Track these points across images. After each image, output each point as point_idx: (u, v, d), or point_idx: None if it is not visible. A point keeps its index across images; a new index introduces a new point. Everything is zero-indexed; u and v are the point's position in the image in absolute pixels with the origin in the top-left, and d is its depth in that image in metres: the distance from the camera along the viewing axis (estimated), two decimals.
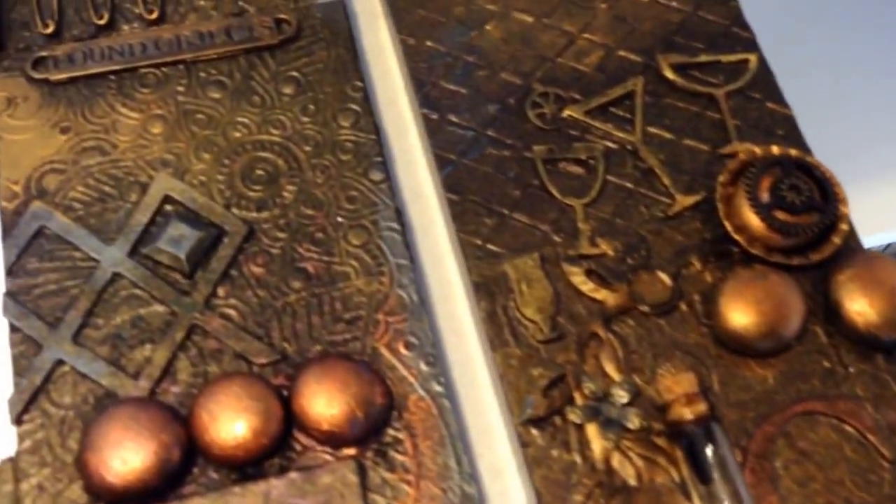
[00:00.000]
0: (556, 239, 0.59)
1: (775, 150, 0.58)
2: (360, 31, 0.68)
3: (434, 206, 0.63)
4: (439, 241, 0.61)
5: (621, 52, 0.66)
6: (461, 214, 0.59)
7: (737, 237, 0.57)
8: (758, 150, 0.59)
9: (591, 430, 0.52)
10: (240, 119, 0.62)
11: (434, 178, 0.62)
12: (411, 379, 0.54)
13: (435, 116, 0.63)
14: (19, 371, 0.53)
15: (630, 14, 0.67)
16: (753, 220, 0.57)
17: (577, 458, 0.52)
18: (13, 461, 0.50)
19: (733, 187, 0.58)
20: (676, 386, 0.52)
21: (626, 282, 0.57)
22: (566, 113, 0.63)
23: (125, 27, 0.65)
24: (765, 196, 0.56)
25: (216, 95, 0.63)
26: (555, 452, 0.52)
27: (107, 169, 0.60)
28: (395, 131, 0.65)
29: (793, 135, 0.62)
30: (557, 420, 0.53)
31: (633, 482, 0.51)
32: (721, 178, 0.58)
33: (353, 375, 0.52)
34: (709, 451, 0.51)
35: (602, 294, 0.56)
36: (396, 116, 0.66)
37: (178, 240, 0.56)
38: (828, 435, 0.53)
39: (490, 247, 0.58)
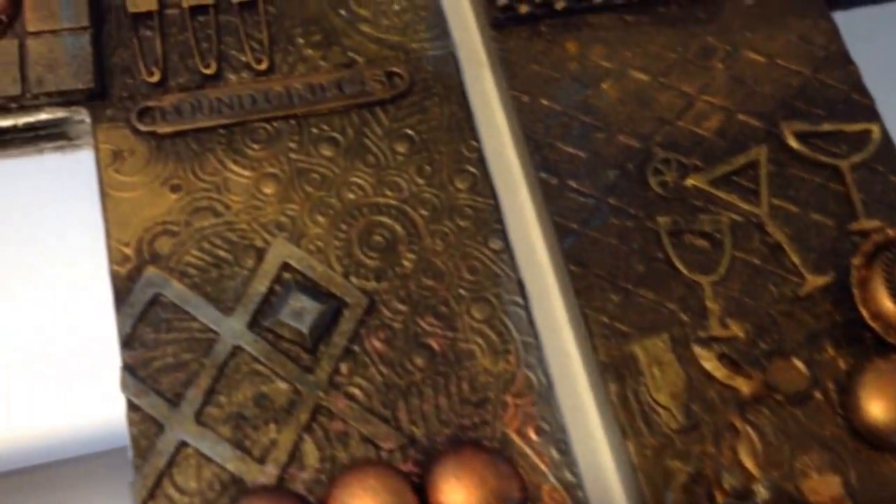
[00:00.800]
0: (684, 318, 0.57)
1: None
2: (464, 82, 0.65)
3: (549, 277, 0.61)
4: (557, 316, 0.59)
5: (742, 117, 0.64)
6: (586, 289, 0.58)
7: (873, 324, 0.56)
8: (892, 231, 0.57)
9: None
10: (354, 179, 0.60)
11: (552, 248, 0.61)
12: (543, 467, 0.53)
13: (554, 181, 0.61)
14: (140, 453, 0.51)
15: (749, 76, 0.65)
16: (891, 308, 0.55)
17: None
18: None
19: (867, 270, 0.57)
20: (823, 488, 0.51)
21: (759, 368, 0.55)
22: (689, 182, 0.61)
23: (232, 76, 0.62)
24: None
25: (329, 153, 0.61)
26: None
27: (221, 231, 0.58)
28: (507, 195, 0.63)
29: None
30: None
31: None
32: (855, 262, 0.57)
33: (491, 468, 0.50)
34: None
35: (737, 381, 0.55)
36: (507, 178, 0.64)
37: (299, 312, 0.54)
38: None
39: (617, 325, 0.57)
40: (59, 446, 0.74)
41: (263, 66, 0.63)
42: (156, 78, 0.61)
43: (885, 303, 0.56)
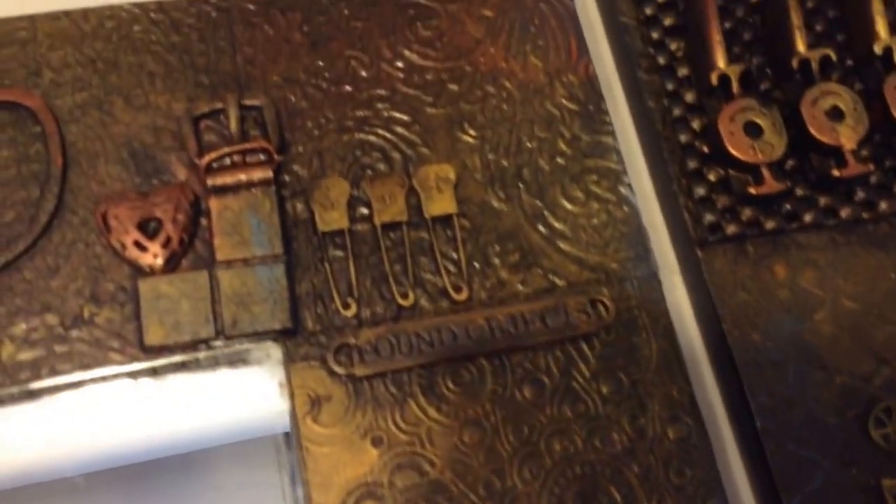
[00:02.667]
0: None
1: None
2: (668, 309, 0.61)
3: None
4: None
5: None
6: None
7: None
8: None
9: None
10: (562, 428, 0.56)
11: None
12: None
13: (772, 433, 0.57)
14: None
15: None
16: None
17: None
18: None
19: None
20: None
21: None
22: None
23: (429, 306, 0.58)
24: None
25: (533, 396, 0.57)
26: None
27: (426, 493, 0.54)
28: (720, 453, 0.59)
29: None
30: None
31: None
32: None
33: None
34: None
35: None
36: (712, 421, 0.60)
37: None
38: None
39: None
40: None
41: (462, 297, 0.59)
42: (351, 311, 0.57)
43: None
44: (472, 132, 0.63)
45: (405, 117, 0.63)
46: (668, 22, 0.67)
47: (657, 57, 0.66)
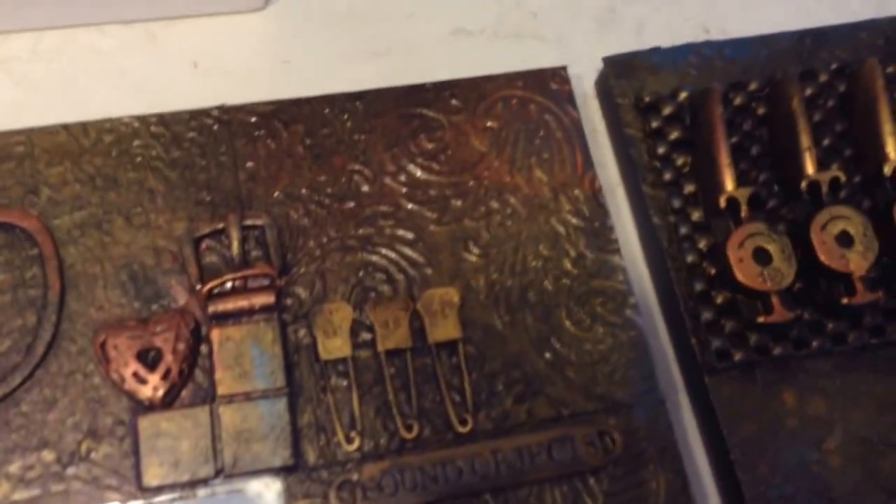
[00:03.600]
0: None
1: None
2: (676, 439, 0.60)
3: None
4: None
5: None
6: None
7: None
8: None
9: None
10: None
11: None
12: None
13: None
14: None
15: None
16: None
17: None
18: None
19: None
20: None
21: None
22: None
23: (434, 439, 0.57)
24: None
25: None
26: None
27: None
28: None
29: None
30: None
31: None
32: None
33: None
34: None
35: None
36: None
37: None
38: None
39: None
40: None
41: (467, 429, 0.58)
42: (354, 446, 0.56)
43: None
44: (476, 251, 0.63)
45: (409, 235, 0.63)
46: (673, 136, 0.66)
47: (663, 172, 0.65)
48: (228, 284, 0.58)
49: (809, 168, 0.63)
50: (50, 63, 0.68)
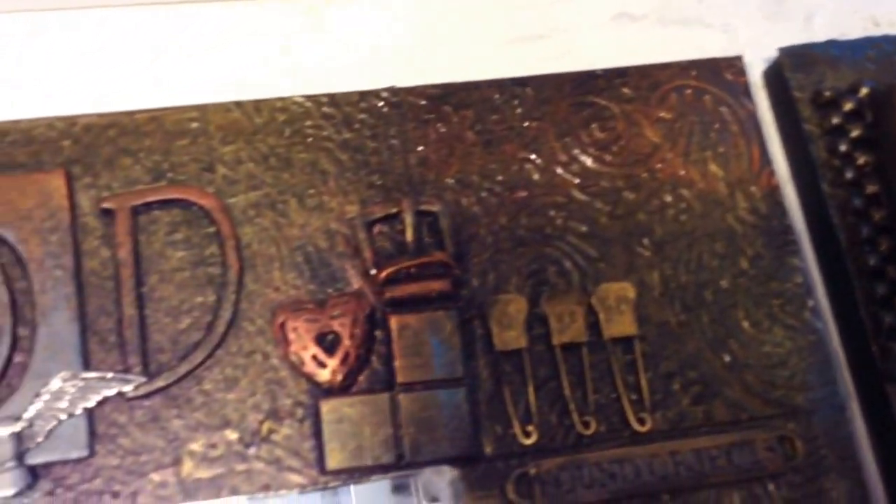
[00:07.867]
0: None
1: None
2: (856, 447, 0.58)
3: None
4: None
5: None
6: None
7: None
8: None
9: None
10: None
11: None
12: None
13: None
14: None
15: None
16: None
17: None
18: None
19: None
20: None
21: None
22: None
23: (612, 436, 0.56)
24: None
25: None
26: None
27: None
28: None
29: None
30: None
31: None
32: None
33: None
34: None
35: None
36: None
37: None
38: None
39: None
40: None
41: (645, 428, 0.57)
42: (532, 439, 0.56)
43: None
44: (649, 246, 0.61)
45: (582, 227, 0.61)
46: (855, 133, 0.64)
47: (844, 171, 0.63)
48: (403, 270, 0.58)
49: None
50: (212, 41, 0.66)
